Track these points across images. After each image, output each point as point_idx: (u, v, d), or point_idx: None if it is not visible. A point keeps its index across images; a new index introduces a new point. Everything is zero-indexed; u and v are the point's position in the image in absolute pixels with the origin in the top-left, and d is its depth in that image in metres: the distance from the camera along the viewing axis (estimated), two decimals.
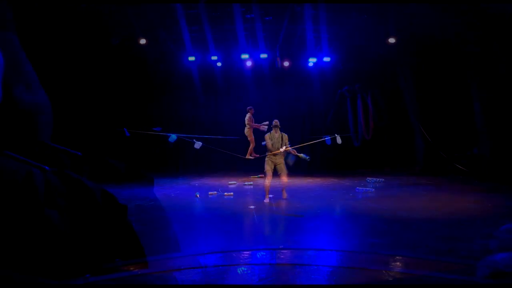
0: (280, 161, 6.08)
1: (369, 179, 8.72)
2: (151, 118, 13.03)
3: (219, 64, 12.68)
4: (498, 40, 7.46)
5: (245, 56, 11.99)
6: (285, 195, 6.13)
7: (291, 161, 7.21)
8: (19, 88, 0.62)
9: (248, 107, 10.41)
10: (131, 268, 0.56)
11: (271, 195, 5.95)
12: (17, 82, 0.63)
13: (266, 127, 10.25)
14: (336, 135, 11.03)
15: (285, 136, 6.23)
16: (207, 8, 9.63)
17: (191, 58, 12.05)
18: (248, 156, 10.62)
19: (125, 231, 0.79)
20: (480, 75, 8.36)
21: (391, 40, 10.58)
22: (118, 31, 10.31)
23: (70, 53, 9.91)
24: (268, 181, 5.89)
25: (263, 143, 6.96)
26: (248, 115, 10.39)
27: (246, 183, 8.14)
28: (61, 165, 0.63)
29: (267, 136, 6.34)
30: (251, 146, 10.49)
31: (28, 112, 0.62)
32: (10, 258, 0.55)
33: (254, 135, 10.44)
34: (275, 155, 6.06)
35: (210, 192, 6.73)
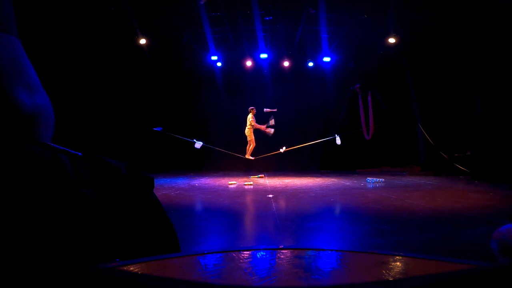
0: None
1: (369, 179, 8.72)
2: (176, 117, 13.14)
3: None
4: (502, 38, 7.45)
5: (264, 55, 12.09)
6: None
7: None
8: (19, 90, 0.62)
9: (250, 107, 10.43)
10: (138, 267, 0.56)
11: (271, 195, 5.99)
12: (17, 84, 0.62)
13: (272, 130, 10.31)
14: (336, 136, 11.07)
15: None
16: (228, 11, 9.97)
17: (214, 58, 12.30)
18: (248, 156, 10.62)
19: (153, 205, 0.79)
20: (483, 74, 8.36)
21: (393, 40, 10.61)
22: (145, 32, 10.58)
23: (87, 53, 10.06)
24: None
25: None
26: (250, 115, 10.40)
27: (246, 183, 8.14)
28: (61, 165, 0.62)
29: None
30: (252, 146, 10.49)
31: (28, 114, 0.61)
32: (50, 242, 0.55)
33: (254, 135, 10.46)
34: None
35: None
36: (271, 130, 10.33)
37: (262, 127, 10.32)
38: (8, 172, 0.58)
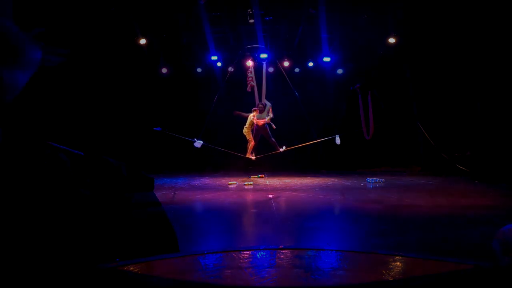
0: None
1: (369, 179, 8.72)
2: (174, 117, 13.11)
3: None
4: (502, 38, 7.45)
5: (264, 55, 11.98)
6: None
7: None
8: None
9: (254, 108, 10.51)
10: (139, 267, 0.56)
11: (271, 195, 5.99)
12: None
13: (261, 121, 10.31)
14: (336, 136, 11.08)
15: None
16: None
17: (214, 58, 12.20)
18: (248, 155, 10.63)
19: (152, 206, 0.79)
20: (483, 74, 8.36)
21: (393, 40, 10.61)
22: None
23: (86, 53, 10.04)
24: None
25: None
26: (251, 114, 10.44)
27: (246, 183, 8.13)
28: (61, 164, 0.62)
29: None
30: (252, 145, 10.50)
31: None
32: (50, 241, 0.55)
33: (252, 134, 10.48)
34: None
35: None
36: (260, 121, 10.32)
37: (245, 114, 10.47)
38: (7, 171, 0.58)
